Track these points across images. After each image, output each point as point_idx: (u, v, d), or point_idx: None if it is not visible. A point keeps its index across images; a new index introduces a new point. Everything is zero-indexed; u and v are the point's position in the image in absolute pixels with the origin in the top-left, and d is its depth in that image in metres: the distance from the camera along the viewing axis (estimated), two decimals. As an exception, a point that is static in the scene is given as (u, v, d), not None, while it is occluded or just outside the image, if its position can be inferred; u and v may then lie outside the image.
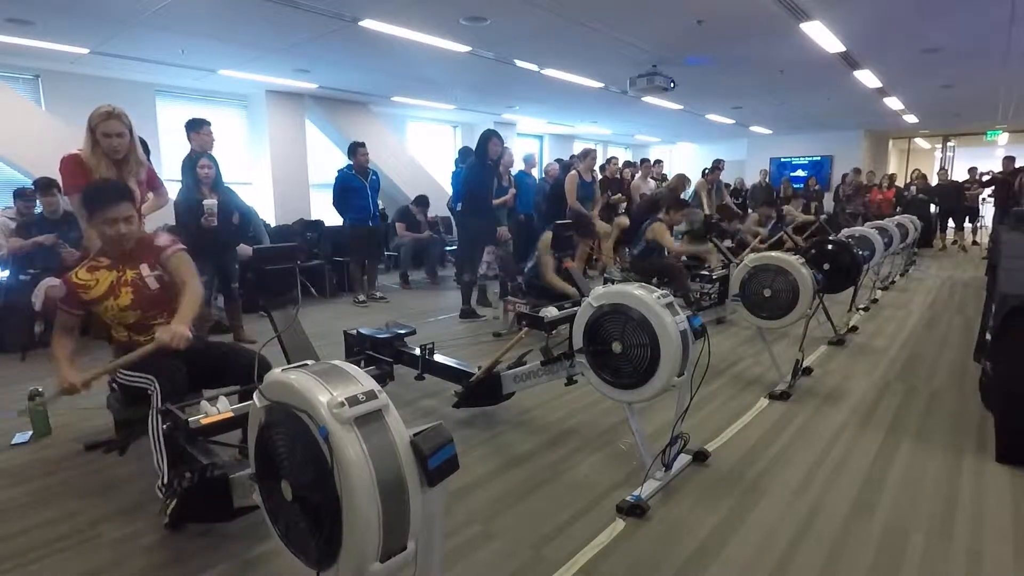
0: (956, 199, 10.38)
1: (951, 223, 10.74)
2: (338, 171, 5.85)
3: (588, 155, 6.17)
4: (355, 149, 5.74)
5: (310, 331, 2.56)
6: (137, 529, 2.01)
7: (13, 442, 2.70)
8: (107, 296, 2.17)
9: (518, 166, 7.84)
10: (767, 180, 11.22)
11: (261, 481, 1.26)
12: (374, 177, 5.88)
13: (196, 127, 4.52)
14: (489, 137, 5.08)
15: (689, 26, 5.04)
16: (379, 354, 3.06)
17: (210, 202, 4.04)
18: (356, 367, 1.21)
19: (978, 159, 11.53)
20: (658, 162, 9.83)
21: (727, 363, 3.91)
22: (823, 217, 8.03)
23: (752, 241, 5.69)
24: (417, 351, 3.05)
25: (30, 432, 2.75)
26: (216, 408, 1.82)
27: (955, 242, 10.84)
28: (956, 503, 2.20)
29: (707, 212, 7.54)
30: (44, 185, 4.42)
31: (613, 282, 3.34)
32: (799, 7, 4.52)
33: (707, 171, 8.22)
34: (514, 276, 5.42)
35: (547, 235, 4.30)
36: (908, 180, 11.42)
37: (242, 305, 4.55)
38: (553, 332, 3.00)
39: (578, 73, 6.88)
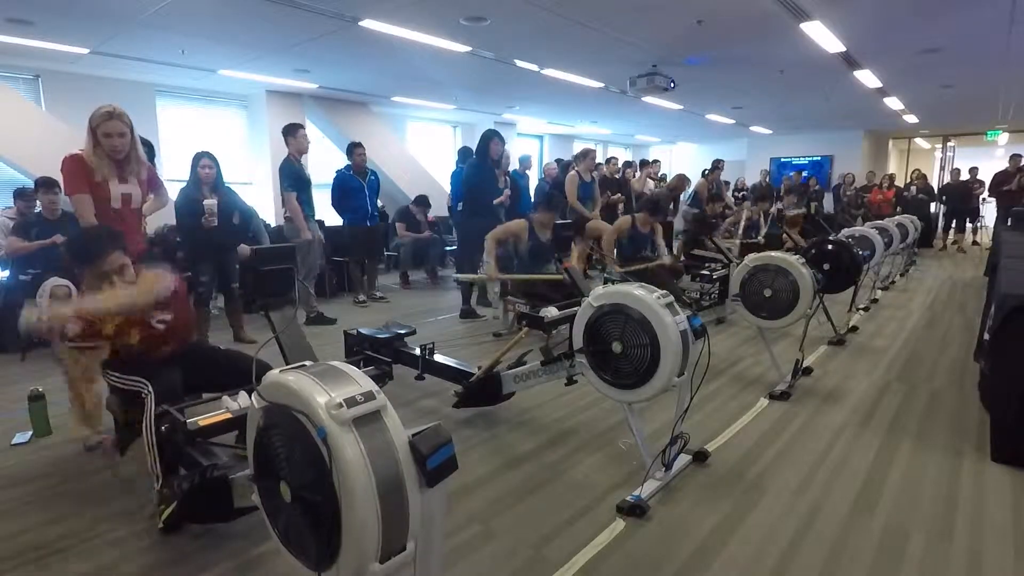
0: (963, 199, 10.27)
1: (953, 223, 10.62)
2: (336, 172, 5.85)
3: (587, 155, 6.18)
4: (352, 149, 5.75)
5: (309, 331, 2.56)
6: (137, 529, 2.01)
7: (13, 442, 2.70)
8: (116, 336, 2.13)
9: (514, 167, 7.84)
10: (767, 180, 11.22)
11: (260, 482, 1.26)
12: (372, 177, 5.88)
13: (292, 131, 4.90)
14: (491, 137, 5.09)
15: (689, 26, 5.04)
16: (379, 354, 3.06)
17: (210, 202, 4.04)
18: (354, 368, 1.21)
19: (978, 159, 11.49)
20: (655, 161, 9.84)
21: (727, 363, 3.91)
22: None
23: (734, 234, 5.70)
24: (417, 351, 3.05)
25: (30, 432, 2.75)
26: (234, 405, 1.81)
27: (954, 242, 10.80)
28: (956, 503, 2.20)
29: (705, 211, 7.53)
30: (45, 184, 4.42)
31: (613, 282, 3.34)
32: (799, 7, 4.52)
33: (707, 171, 8.22)
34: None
35: (521, 220, 4.44)
36: (908, 180, 11.37)
37: (242, 306, 4.55)
38: (553, 332, 3.01)
39: (578, 73, 6.88)
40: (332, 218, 6.51)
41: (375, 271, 6.35)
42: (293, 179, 4.99)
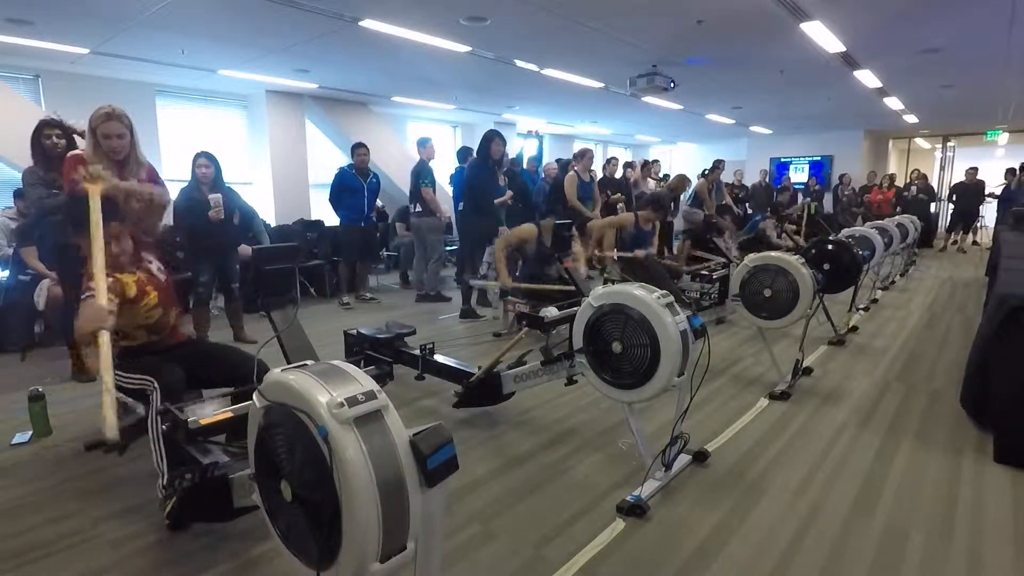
0: (975, 200, 10.18)
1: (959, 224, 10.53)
2: (339, 168, 5.87)
3: (585, 155, 6.18)
4: (354, 149, 5.80)
5: (309, 331, 2.56)
6: (137, 529, 2.01)
7: (13, 442, 2.70)
8: (139, 298, 2.18)
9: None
10: (767, 180, 11.20)
11: (261, 481, 1.26)
12: (374, 179, 5.89)
13: (425, 143, 6.00)
14: (492, 137, 5.09)
15: (689, 26, 5.04)
16: (379, 354, 3.06)
17: (216, 196, 4.07)
18: (355, 367, 1.21)
19: (978, 159, 11.48)
20: (655, 162, 9.83)
21: (727, 363, 3.91)
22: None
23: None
24: (417, 351, 3.05)
25: (30, 432, 2.75)
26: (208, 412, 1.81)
27: (954, 242, 10.79)
28: (956, 503, 2.20)
29: (707, 213, 7.54)
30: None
31: (613, 282, 3.34)
32: (799, 7, 4.51)
33: (707, 171, 8.21)
34: (514, 276, 5.41)
35: (529, 225, 4.36)
36: (908, 180, 11.36)
37: (242, 306, 4.55)
38: (553, 332, 3.01)
39: (578, 73, 6.87)
40: (333, 218, 6.50)
41: (366, 272, 6.36)
42: (431, 175, 5.93)
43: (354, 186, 5.73)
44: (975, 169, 10.28)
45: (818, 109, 9.57)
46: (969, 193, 10.22)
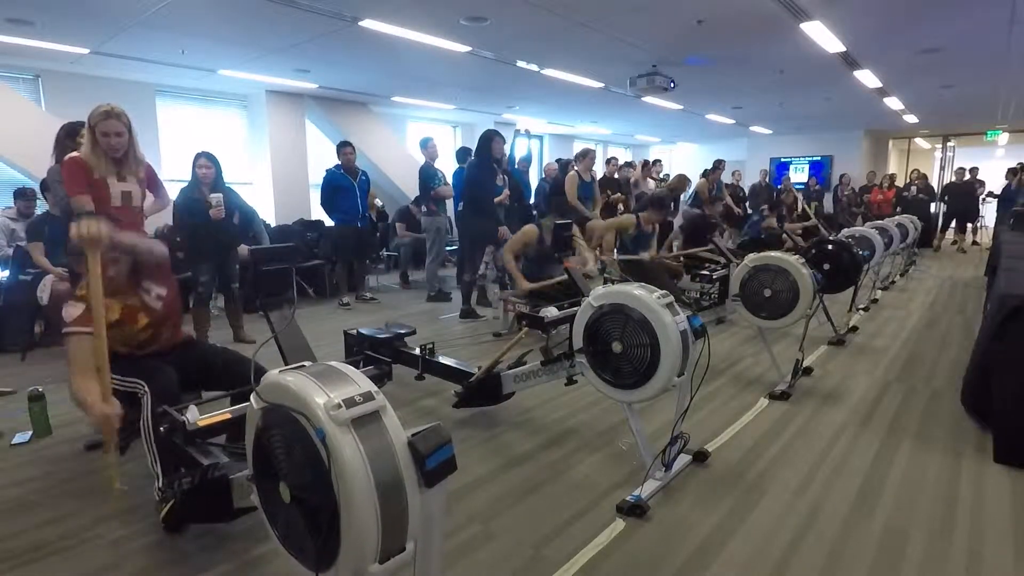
0: (968, 200, 10.18)
1: (953, 223, 10.54)
2: (326, 171, 5.81)
3: (587, 155, 6.18)
4: (340, 148, 5.74)
5: (309, 331, 2.55)
6: (137, 529, 2.01)
7: (13, 442, 2.70)
8: (123, 323, 2.13)
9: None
10: (767, 180, 11.17)
11: (259, 483, 1.26)
12: (363, 177, 5.86)
13: (426, 143, 6.10)
14: (491, 137, 5.08)
15: (689, 26, 5.04)
16: (379, 354, 3.06)
17: (217, 195, 4.08)
18: (353, 368, 1.21)
19: (978, 159, 11.47)
20: (657, 162, 9.82)
21: (727, 363, 3.91)
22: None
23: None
24: (417, 351, 3.05)
25: (30, 432, 2.75)
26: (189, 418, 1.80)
27: (954, 242, 10.79)
28: (956, 503, 2.19)
29: (707, 213, 7.53)
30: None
31: (613, 282, 3.34)
32: (799, 7, 4.51)
33: (708, 171, 8.21)
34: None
35: (530, 227, 4.37)
36: (908, 180, 11.35)
37: (242, 306, 4.55)
38: (553, 332, 3.01)
39: (578, 73, 6.88)
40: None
41: (364, 272, 6.35)
42: (441, 176, 6.18)
43: (345, 186, 5.69)
44: (974, 169, 10.29)
45: (818, 109, 9.57)
46: (960, 193, 10.23)
